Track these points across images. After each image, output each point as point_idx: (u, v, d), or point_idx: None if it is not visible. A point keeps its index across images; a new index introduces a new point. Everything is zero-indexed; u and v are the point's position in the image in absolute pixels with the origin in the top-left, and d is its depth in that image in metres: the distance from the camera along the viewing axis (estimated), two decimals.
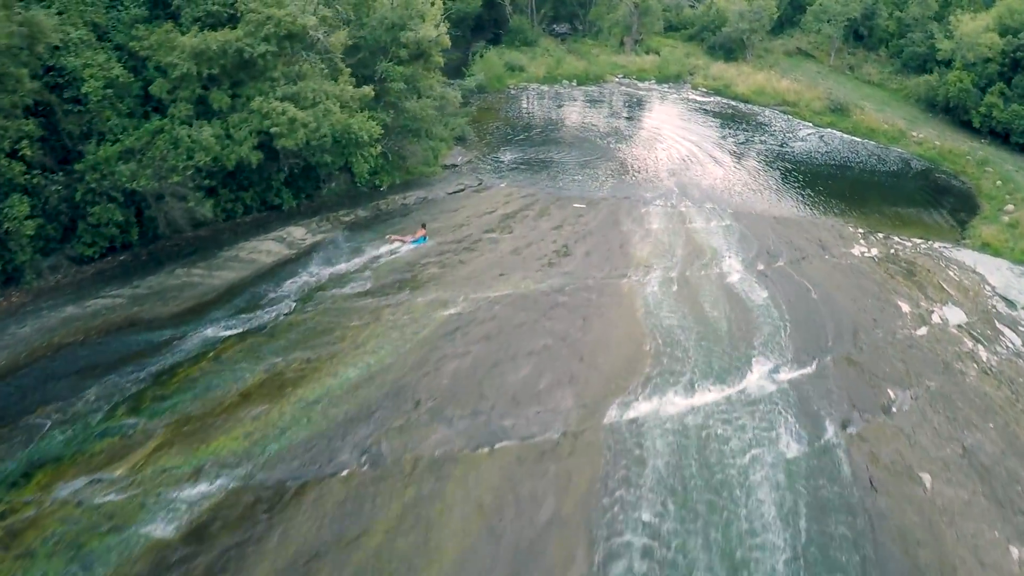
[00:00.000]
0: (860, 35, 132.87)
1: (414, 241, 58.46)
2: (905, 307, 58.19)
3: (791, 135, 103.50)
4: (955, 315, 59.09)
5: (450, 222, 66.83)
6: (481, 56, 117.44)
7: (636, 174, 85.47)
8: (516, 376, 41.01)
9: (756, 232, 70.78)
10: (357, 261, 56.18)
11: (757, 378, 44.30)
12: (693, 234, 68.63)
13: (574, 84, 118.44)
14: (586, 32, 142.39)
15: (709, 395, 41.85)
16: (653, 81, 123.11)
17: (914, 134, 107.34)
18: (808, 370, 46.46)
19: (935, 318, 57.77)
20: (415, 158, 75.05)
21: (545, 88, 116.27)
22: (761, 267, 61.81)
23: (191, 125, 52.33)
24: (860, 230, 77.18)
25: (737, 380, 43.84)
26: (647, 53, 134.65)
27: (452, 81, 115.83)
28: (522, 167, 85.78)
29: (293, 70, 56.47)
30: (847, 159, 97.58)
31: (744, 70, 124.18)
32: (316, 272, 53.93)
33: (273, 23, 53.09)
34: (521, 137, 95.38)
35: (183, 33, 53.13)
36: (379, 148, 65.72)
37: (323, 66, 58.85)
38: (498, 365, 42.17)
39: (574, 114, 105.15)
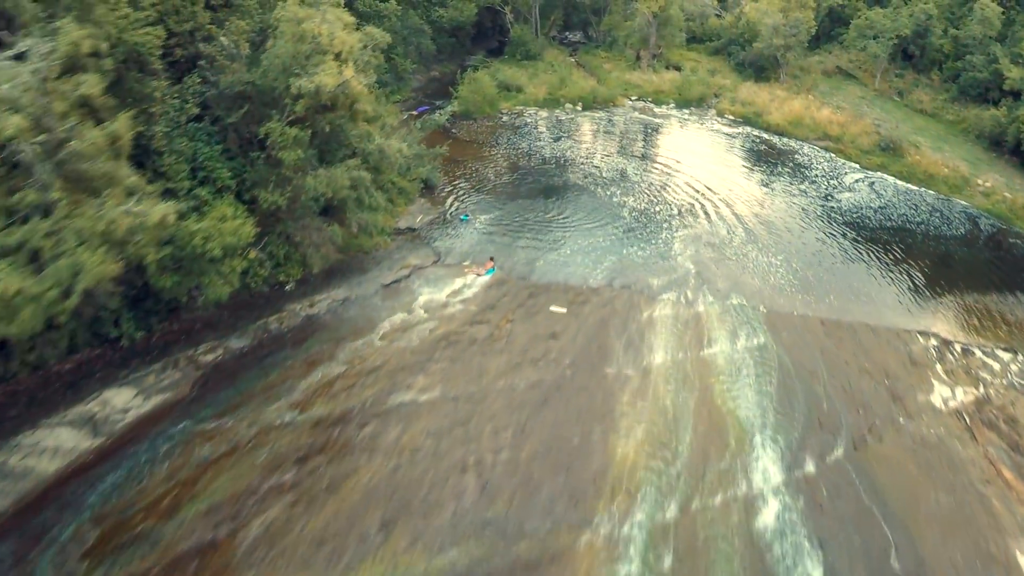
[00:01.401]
0: (909, 54, 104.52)
1: (487, 272, 52.81)
2: None
3: (836, 182, 76.55)
4: None
5: (353, 354, 41.33)
6: (474, 71, 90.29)
7: (643, 245, 59.76)
8: None
9: (801, 363, 45.77)
10: (170, 474, 30.66)
11: None
12: (712, 378, 43.05)
13: (579, 108, 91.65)
14: (599, 42, 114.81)
15: None
16: (672, 105, 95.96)
17: (979, 182, 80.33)
18: None
19: None
20: (331, 243, 49.08)
21: (544, 114, 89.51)
22: (811, 468, 36.51)
23: None
24: (933, 341, 51.75)
25: None
26: (666, 68, 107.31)
27: (435, 104, 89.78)
28: (496, 232, 60.36)
29: (16, 201, 30.26)
30: (905, 218, 70.62)
31: (778, 94, 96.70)
32: (101, 505, 28.77)
33: None
34: (504, 184, 69.53)
35: None
36: (253, 253, 39.91)
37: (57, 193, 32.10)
38: None
39: (573, 151, 78.77)
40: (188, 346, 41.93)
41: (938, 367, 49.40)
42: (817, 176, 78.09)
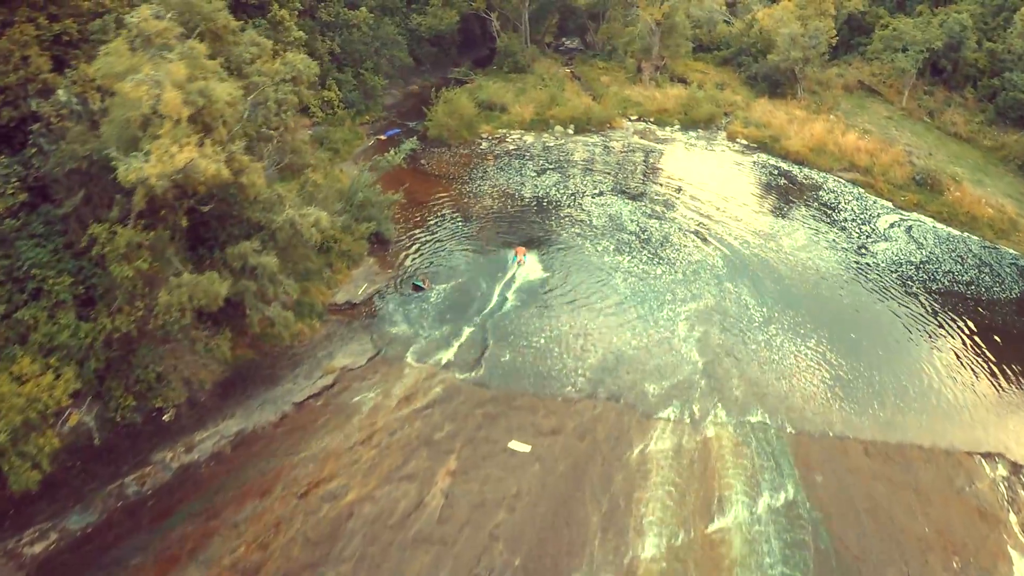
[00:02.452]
0: (940, 69, 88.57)
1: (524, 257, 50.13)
2: None
3: (869, 228, 62.06)
4: None
5: (223, 544, 27.57)
6: (449, 91, 74.97)
7: (640, 327, 46.60)
8: None
9: (843, 539, 33.66)
10: None
11: None
12: None
13: (570, 131, 76.36)
14: (598, 51, 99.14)
15: None
16: (677, 127, 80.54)
17: None
18: None
19: None
20: (218, 360, 34.46)
21: (529, 139, 74.31)
22: None
23: None
24: (1000, 470, 39.45)
25: None
26: (670, 80, 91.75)
27: (408, 125, 74.71)
28: (456, 306, 46.50)
29: None
30: (952, 277, 56.87)
31: (796, 113, 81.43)
32: None
33: None
34: (473, 236, 55.38)
35: None
36: (76, 417, 25.64)
37: None
38: None
39: (560, 189, 64.40)
40: (14, 529, 27.67)
41: (1012, 520, 35.97)
42: (847, 220, 63.13)
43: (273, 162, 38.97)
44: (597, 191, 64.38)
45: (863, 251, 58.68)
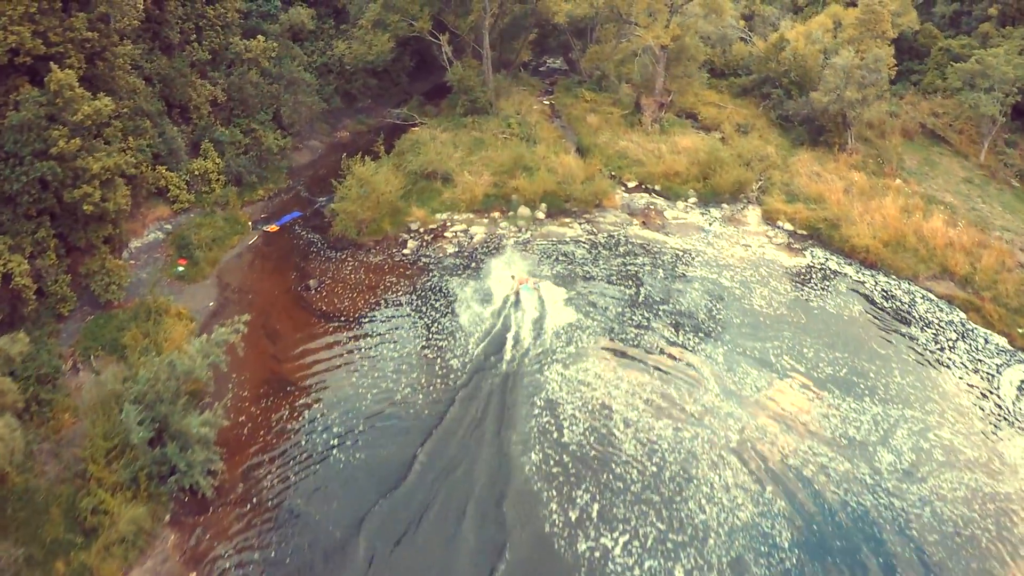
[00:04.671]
0: (1021, 111, 61.61)
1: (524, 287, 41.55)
2: None
3: (992, 403, 38.32)
4: None
5: None
6: (364, 162, 47.70)
7: None
8: None
9: None
10: None
11: None
12: None
13: (540, 215, 50.44)
14: (585, 76, 71.63)
15: None
16: (692, 199, 54.42)
17: None
18: None
19: None
20: None
21: (479, 232, 48.41)
22: None
23: None
24: None
25: None
26: (678, 116, 64.36)
27: (317, 201, 48.15)
28: None
29: None
30: None
31: (853, 178, 56.00)
32: None
33: None
34: (355, 466, 28.53)
35: None
36: None
37: None
38: None
39: (510, 350, 36.56)
40: None
41: None
42: (957, 385, 38.54)
43: None
44: (572, 350, 38.43)
45: (997, 467, 32.97)
